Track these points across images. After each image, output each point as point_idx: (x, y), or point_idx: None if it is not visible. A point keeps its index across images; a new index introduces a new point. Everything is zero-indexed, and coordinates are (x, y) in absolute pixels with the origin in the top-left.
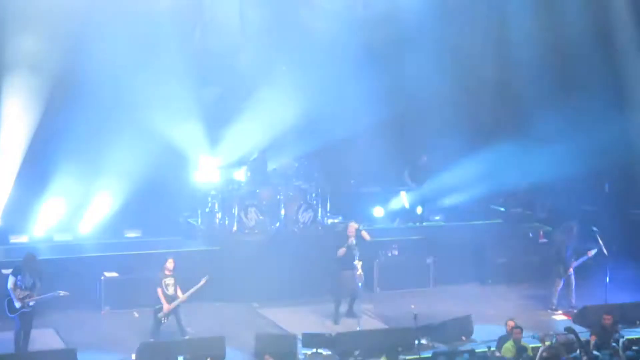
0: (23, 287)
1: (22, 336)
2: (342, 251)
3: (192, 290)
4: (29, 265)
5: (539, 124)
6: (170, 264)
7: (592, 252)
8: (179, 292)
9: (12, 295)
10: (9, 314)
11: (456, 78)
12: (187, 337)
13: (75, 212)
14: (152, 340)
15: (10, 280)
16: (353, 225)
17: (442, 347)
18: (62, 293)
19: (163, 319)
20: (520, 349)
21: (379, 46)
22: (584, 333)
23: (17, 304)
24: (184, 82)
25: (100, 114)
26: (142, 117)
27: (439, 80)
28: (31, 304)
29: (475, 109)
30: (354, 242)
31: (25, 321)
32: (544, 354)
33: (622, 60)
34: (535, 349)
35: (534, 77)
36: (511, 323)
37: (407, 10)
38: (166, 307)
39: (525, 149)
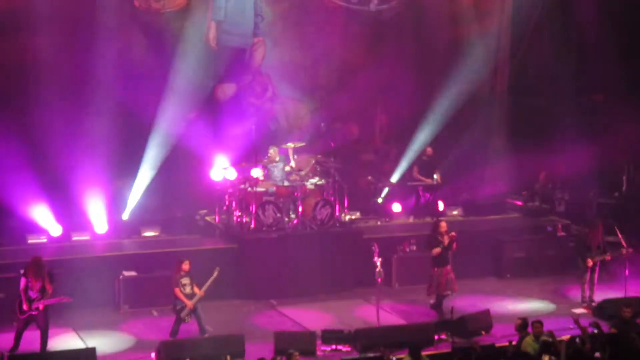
0: (33, 290)
1: (40, 336)
2: (436, 251)
3: (207, 284)
4: (35, 269)
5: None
6: (185, 265)
7: (609, 257)
8: (196, 290)
9: (22, 297)
10: (18, 316)
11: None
12: (206, 335)
13: (93, 212)
14: (171, 339)
15: (22, 282)
16: (444, 225)
17: (461, 342)
18: (65, 299)
19: (187, 317)
20: (544, 344)
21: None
22: (603, 326)
23: (25, 307)
24: (199, 79)
25: (114, 112)
26: (156, 115)
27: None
28: (40, 307)
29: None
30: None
31: (37, 323)
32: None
33: None
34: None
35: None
36: (517, 322)
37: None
38: (189, 304)
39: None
